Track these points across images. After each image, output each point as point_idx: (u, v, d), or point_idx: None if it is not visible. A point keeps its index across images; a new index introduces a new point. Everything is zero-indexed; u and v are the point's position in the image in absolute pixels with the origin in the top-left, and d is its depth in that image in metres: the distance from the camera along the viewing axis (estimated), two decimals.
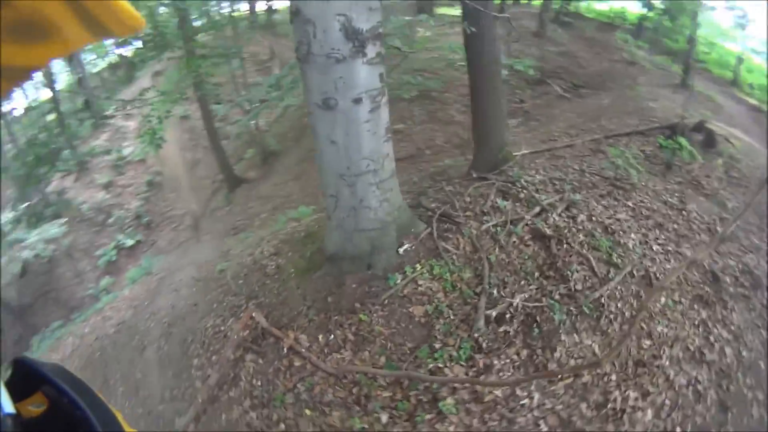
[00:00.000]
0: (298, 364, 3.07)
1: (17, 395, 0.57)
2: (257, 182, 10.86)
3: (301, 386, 2.89)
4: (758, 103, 9.33)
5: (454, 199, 4.43)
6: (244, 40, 12.74)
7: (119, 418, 0.65)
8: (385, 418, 2.58)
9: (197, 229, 11.08)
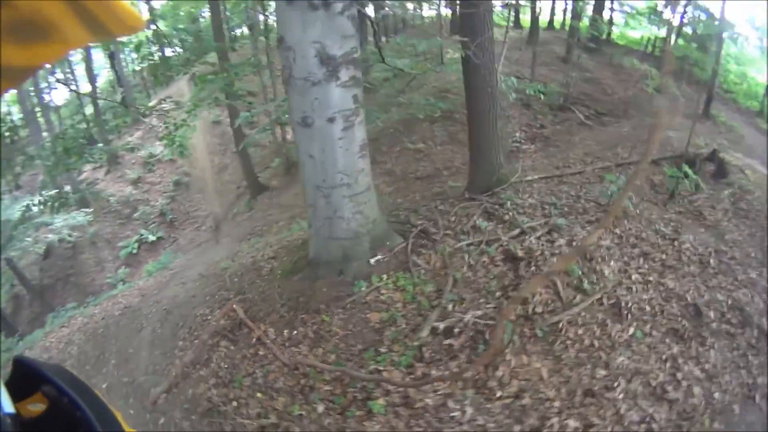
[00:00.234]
0: (261, 353, 3.51)
1: (17, 395, 0.58)
2: (279, 190, 11.45)
3: (259, 372, 3.32)
4: None
5: (439, 217, 4.75)
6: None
7: (119, 418, 0.67)
8: (321, 408, 2.94)
9: (218, 231, 11.79)
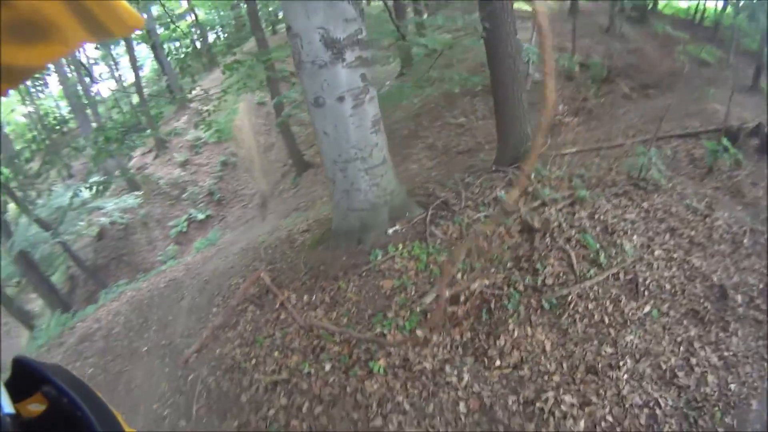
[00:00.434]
0: (282, 316, 3.88)
1: (17, 395, 0.59)
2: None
3: (278, 333, 3.70)
4: None
5: (462, 189, 4.89)
6: None
7: (119, 418, 0.69)
8: (328, 367, 3.25)
9: (264, 207, 12.42)
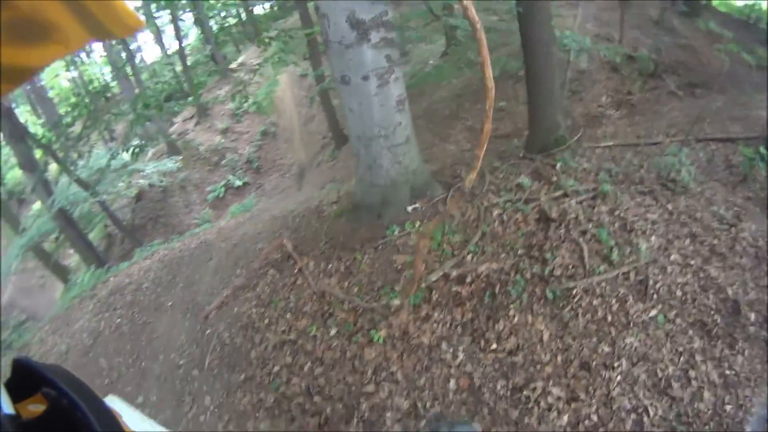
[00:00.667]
0: (299, 282, 4.19)
1: (17, 395, 0.60)
2: None
3: (292, 297, 4.01)
4: None
5: (487, 172, 4.99)
6: None
7: (119, 419, 0.69)
8: (333, 331, 3.54)
9: (301, 178, 12.83)
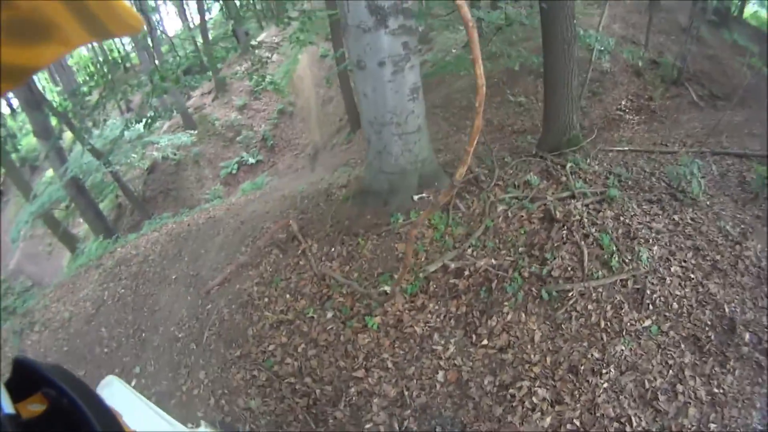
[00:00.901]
0: (302, 263, 4.30)
1: (17, 395, 0.60)
2: None
3: (294, 278, 4.13)
4: None
5: (497, 167, 5.02)
6: None
7: (119, 419, 0.70)
8: (330, 314, 3.65)
9: (315, 159, 12.90)
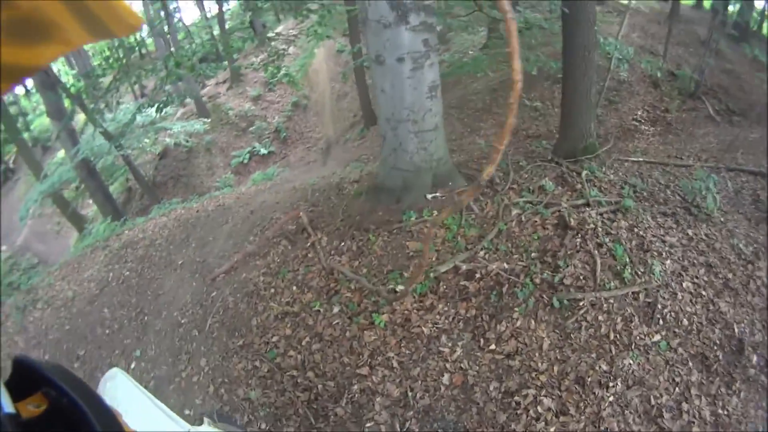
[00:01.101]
0: (310, 255, 4.29)
1: (17, 395, 0.61)
2: None
3: (301, 270, 4.12)
4: None
5: (512, 170, 4.98)
6: None
7: (119, 418, 0.71)
8: (336, 309, 3.63)
9: (327, 153, 12.91)
